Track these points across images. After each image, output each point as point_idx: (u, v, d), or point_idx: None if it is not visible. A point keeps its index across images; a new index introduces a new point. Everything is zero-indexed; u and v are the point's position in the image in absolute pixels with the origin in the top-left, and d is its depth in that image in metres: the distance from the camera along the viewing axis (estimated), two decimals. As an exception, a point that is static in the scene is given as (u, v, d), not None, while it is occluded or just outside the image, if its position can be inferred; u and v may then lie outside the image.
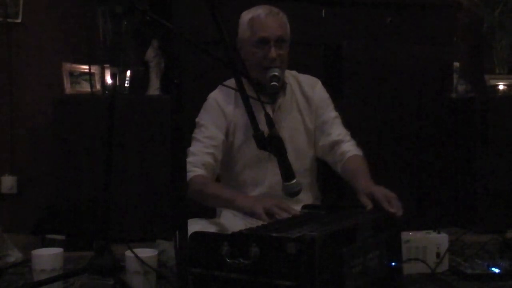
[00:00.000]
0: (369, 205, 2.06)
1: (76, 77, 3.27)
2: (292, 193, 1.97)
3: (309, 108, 2.43)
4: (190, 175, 2.22)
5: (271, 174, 2.30)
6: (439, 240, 2.40)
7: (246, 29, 2.31)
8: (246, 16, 2.34)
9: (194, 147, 2.29)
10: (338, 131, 2.41)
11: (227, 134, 2.35)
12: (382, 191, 2.08)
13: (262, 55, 2.28)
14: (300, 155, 2.37)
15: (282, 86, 2.37)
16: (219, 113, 2.34)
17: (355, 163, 2.32)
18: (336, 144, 2.38)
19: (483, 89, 3.61)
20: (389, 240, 1.99)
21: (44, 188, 3.35)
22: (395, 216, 2.01)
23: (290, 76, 2.45)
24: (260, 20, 2.28)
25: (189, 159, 2.27)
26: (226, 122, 2.34)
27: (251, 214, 2.08)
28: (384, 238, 1.95)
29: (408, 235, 2.34)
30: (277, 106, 2.36)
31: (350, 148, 2.37)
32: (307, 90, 2.44)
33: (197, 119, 2.37)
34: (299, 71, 2.52)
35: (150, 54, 3.30)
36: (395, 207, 2.01)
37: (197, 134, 2.33)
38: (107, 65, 3.23)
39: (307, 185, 2.38)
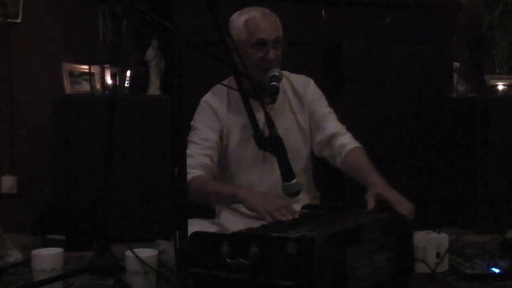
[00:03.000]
0: (371, 205, 2.06)
1: (76, 77, 3.27)
2: (292, 193, 1.97)
3: (302, 107, 2.43)
4: (188, 177, 2.23)
5: (267, 176, 2.30)
6: (439, 240, 2.39)
7: (241, 31, 2.30)
8: (239, 18, 2.33)
9: (191, 150, 2.30)
10: (333, 125, 2.41)
11: (221, 137, 2.36)
12: (393, 194, 2.08)
13: (261, 56, 2.28)
14: (295, 155, 2.36)
15: None
16: (213, 116, 2.35)
17: (358, 156, 2.32)
18: (332, 137, 2.38)
19: (483, 89, 3.61)
20: (400, 242, 1.98)
21: (44, 188, 3.35)
22: (405, 218, 2.01)
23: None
24: (257, 22, 2.29)
25: (187, 161, 2.27)
26: (220, 124, 2.35)
27: (252, 210, 2.08)
28: (394, 239, 1.95)
29: (408, 235, 2.34)
30: (269, 107, 2.36)
31: (348, 140, 2.37)
32: (299, 89, 2.44)
33: (191, 123, 2.38)
34: (299, 71, 2.52)
35: (150, 54, 3.30)
36: (406, 210, 2.01)
37: (192, 136, 2.34)
38: (107, 65, 3.23)
39: (304, 185, 2.38)
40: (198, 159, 2.28)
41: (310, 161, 2.48)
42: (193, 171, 2.24)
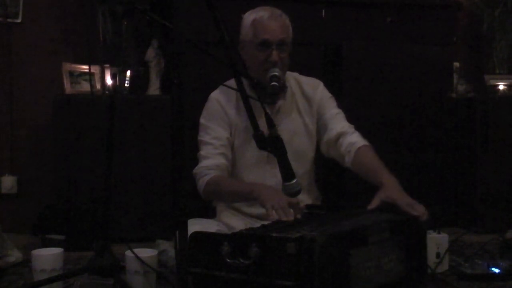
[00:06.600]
0: (373, 204, 2.05)
1: (76, 77, 3.27)
2: (292, 193, 1.96)
3: (310, 109, 2.43)
4: (206, 178, 2.25)
5: (269, 177, 2.30)
6: (439, 240, 2.40)
7: (248, 30, 2.31)
8: (248, 17, 2.33)
9: (205, 151, 2.31)
10: (341, 124, 2.39)
11: (230, 134, 2.36)
12: (404, 198, 2.05)
13: (264, 57, 2.28)
14: (300, 157, 2.36)
15: (283, 89, 2.37)
16: (222, 113, 2.35)
17: (367, 155, 2.29)
18: (340, 136, 2.36)
19: (483, 89, 3.61)
20: (412, 243, 1.97)
21: (44, 188, 3.35)
22: (419, 219, 1.99)
23: (291, 78, 2.44)
24: (263, 23, 2.28)
25: (202, 163, 2.29)
26: (229, 121, 2.35)
27: (261, 206, 2.08)
28: (404, 241, 1.93)
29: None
30: (276, 109, 2.36)
31: (356, 139, 2.34)
32: (308, 91, 2.44)
33: (201, 120, 2.38)
34: (299, 71, 2.52)
35: (150, 54, 3.30)
36: (419, 211, 2.00)
37: (204, 137, 2.34)
38: (107, 65, 3.23)
39: (306, 187, 2.37)
40: (213, 160, 2.29)
41: (314, 163, 2.48)
42: (209, 172, 2.26)
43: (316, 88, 2.45)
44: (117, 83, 3.20)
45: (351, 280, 1.71)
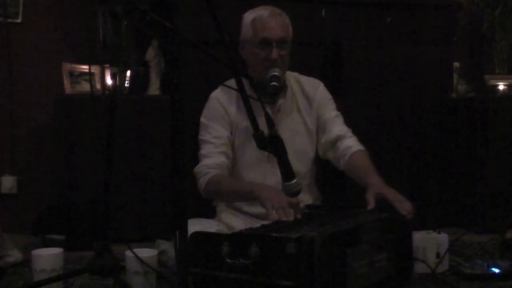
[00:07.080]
0: (371, 205, 2.06)
1: (76, 77, 3.27)
2: (292, 193, 1.96)
3: (310, 109, 2.43)
4: (207, 177, 2.26)
5: (270, 176, 2.30)
6: (439, 240, 2.40)
7: (248, 29, 2.32)
8: (249, 16, 2.34)
9: (205, 150, 2.32)
10: (339, 127, 2.42)
11: (230, 133, 2.36)
12: (393, 193, 2.08)
13: (264, 56, 2.29)
14: (301, 156, 2.37)
15: (283, 88, 2.38)
16: (223, 112, 2.36)
17: (360, 159, 2.32)
18: (338, 139, 2.39)
19: (483, 89, 3.61)
20: (400, 241, 1.99)
21: (44, 188, 3.35)
22: (404, 218, 2.01)
23: (292, 78, 2.45)
24: (263, 21, 2.29)
25: (203, 162, 2.30)
26: (230, 121, 2.35)
27: (261, 206, 2.09)
28: (393, 239, 1.95)
29: (408, 235, 2.34)
30: (277, 108, 2.36)
31: (352, 143, 2.37)
32: (308, 91, 2.45)
33: (201, 119, 2.39)
34: (299, 71, 2.52)
35: (150, 54, 3.30)
36: (405, 209, 2.02)
37: (205, 136, 2.35)
38: (107, 65, 3.23)
39: (306, 186, 2.38)
40: (213, 158, 2.30)
41: (315, 163, 2.48)
42: (210, 171, 2.27)
43: (317, 88, 2.46)
44: (117, 83, 3.20)
45: (348, 279, 1.72)
